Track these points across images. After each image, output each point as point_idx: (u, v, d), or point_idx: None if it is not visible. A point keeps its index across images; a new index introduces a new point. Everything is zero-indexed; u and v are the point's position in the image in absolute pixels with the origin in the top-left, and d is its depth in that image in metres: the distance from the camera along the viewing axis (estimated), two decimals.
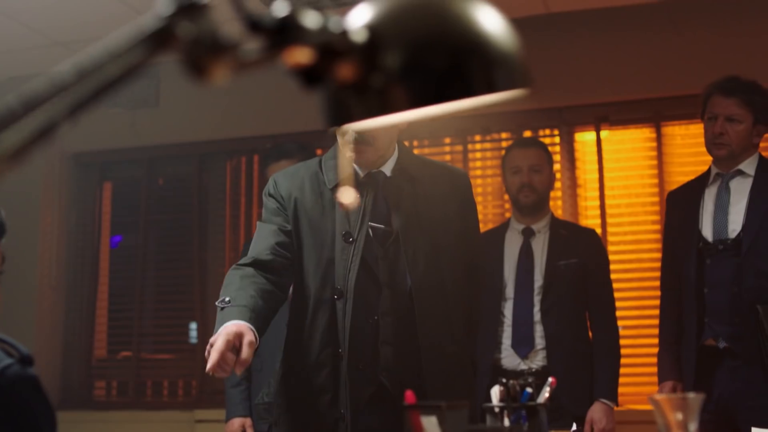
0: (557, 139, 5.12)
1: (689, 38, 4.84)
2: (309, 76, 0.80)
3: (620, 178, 4.98)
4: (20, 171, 3.26)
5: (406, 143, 5.30)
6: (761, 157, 3.50)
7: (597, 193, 4.96)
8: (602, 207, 4.93)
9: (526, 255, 3.84)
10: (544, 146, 4.02)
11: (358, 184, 2.66)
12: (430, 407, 1.45)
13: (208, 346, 2.21)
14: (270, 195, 2.71)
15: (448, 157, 5.35)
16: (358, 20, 0.83)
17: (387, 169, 2.70)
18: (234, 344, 2.19)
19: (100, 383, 5.73)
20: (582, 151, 5.11)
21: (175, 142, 5.62)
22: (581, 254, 3.83)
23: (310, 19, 0.76)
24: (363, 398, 2.55)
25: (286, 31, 0.75)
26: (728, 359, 3.32)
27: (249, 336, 2.22)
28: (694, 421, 1.26)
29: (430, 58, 0.85)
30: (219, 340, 2.17)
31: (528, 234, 3.87)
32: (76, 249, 5.74)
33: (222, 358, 2.15)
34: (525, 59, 0.98)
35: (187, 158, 5.61)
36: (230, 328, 2.23)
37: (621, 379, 4.77)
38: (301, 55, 0.77)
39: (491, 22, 0.92)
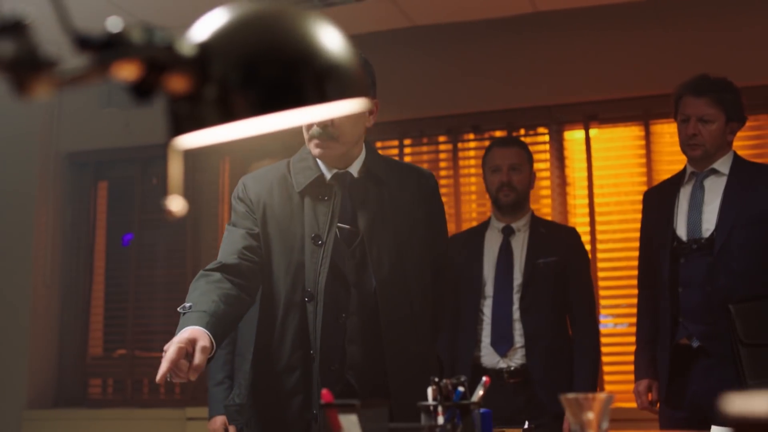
0: (547, 138, 5.13)
1: (677, 36, 4.84)
2: (139, 89, 0.82)
3: (609, 176, 4.99)
4: (15, 170, 3.33)
5: (396, 141, 5.36)
6: (736, 156, 3.49)
7: (586, 191, 4.96)
8: (591, 205, 4.93)
9: (505, 253, 3.85)
10: (524, 145, 4.02)
11: (326, 186, 2.67)
12: (347, 406, 1.46)
13: (163, 353, 2.21)
14: (239, 199, 2.72)
15: (442, 155, 5.36)
16: (194, 35, 0.85)
17: (354, 169, 2.70)
18: (187, 350, 2.18)
19: (95, 381, 5.78)
20: (571, 149, 5.12)
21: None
22: (561, 253, 3.83)
23: (137, 35, 0.78)
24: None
25: (112, 47, 0.77)
26: (702, 358, 3.32)
27: (203, 341, 2.21)
28: (606, 420, 1.27)
29: (261, 69, 0.87)
30: (171, 348, 2.15)
31: (508, 233, 3.88)
32: (71, 248, 5.79)
33: (173, 366, 2.14)
34: (359, 71, 1.00)
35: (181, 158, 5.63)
36: (184, 334, 2.22)
37: (609, 377, 4.81)
38: (128, 70, 0.79)
39: (322, 35, 0.93)
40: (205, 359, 2.19)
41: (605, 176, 4.99)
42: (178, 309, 2.38)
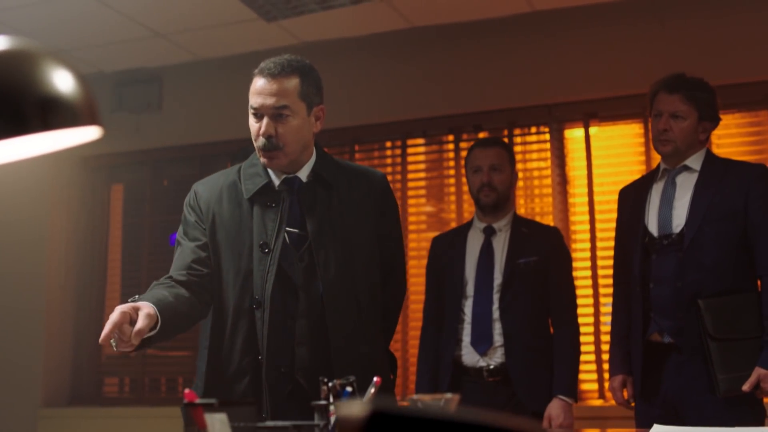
0: (547, 136, 5.14)
1: (676, 33, 4.82)
2: None
3: (609, 174, 4.98)
4: (29, 174, 3.47)
5: (399, 141, 5.40)
6: (708, 153, 3.48)
7: (586, 189, 4.96)
8: (591, 203, 4.93)
9: (486, 253, 3.87)
10: (505, 145, 4.03)
11: (275, 193, 2.71)
12: (211, 405, 1.52)
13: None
14: (190, 207, 2.78)
15: (448, 155, 5.39)
16: None
17: (303, 174, 2.75)
18: (131, 316, 2.22)
19: (110, 380, 5.91)
20: (571, 147, 5.12)
21: (177, 144, 5.77)
22: (542, 252, 3.84)
23: None
24: (282, 398, 2.62)
25: None
26: (674, 354, 3.32)
27: (146, 309, 2.26)
28: None
29: None
30: (114, 312, 2.20)
31: (489, 232, 3.90)
32: (86, 249, 5.93)
33: (116, 329, 2.17)
34: (88, 100, 1.05)
35: (190, 159, 5.75)
36: (128, 303, 2.28)
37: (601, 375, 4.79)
38: None
39: (47, 70, 0.98)
40: (147, 325, 2.22)
41: (605, 174, 4.98)
42: (129, 300, 2.38)
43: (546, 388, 3.76)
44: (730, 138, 4.81)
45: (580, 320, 4.80)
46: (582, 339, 4.79)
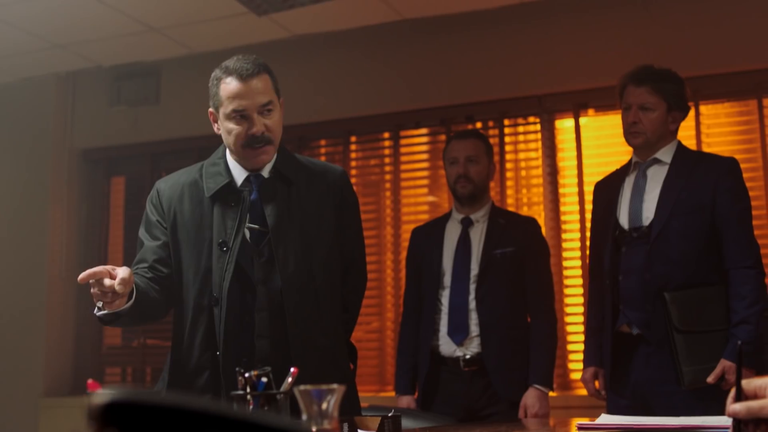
0: (538, 127, 5.15)
1: (665, 23, 4.81)
2: None
3: (600, 164, 4.97)
4: (30, 168, 3.60)
5: (388, 133, 5.43)
6: (680, 145, 3.49)
7: (576, 180, 4.97)
8: (581, 193, 4.94)
9: (463, 244, 3.90)
10: (482, 137, 4.06)
11: (236, 192, 2.75)
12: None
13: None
14: (152, 205, 2.83)
15: (441, 146, 5.40)
16: None
17: (265, 171, 2.79)
18: (109, 273, 2.34)
19: (111, 370, 6.00)
20: (562, 138, 5.13)
21: (176, 137, 5.83)
22: (518, 243, 3.87)
23: None
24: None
25: None
26: (642, 346, 3.34)
27: (124, 269, 2.36)
28: (336, 408, 1.35)
29: None
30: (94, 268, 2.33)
31: (466, 224, 3.94)
32: (86, 241, 6.02)
33: (95, 276, 2.31)
34: None
35: (188, 152, 5.80)
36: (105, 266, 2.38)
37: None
38: None
39: None
40: (129, 274, 2.34)
41: (595, 164, 4.98)
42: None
43: (522, 377, 3.79)
44: (720, 128, 4.80)
45: (570, 310, 4.87)
46: (572, 329, 4.86)
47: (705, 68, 4.74)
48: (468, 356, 3.78)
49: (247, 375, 1.76)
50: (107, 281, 2.32)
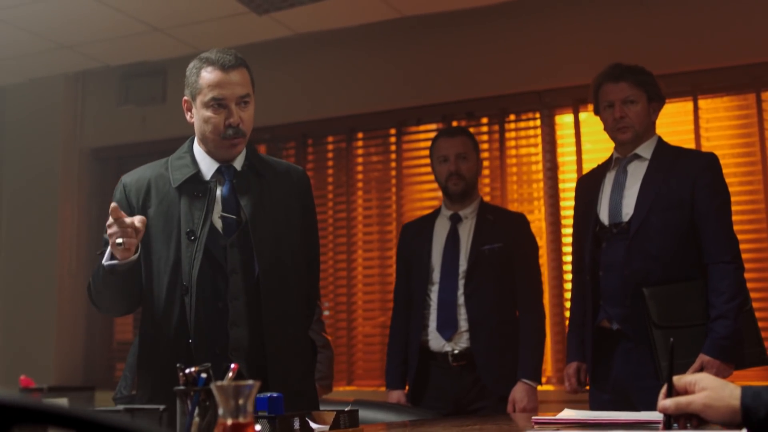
0: (538, 122, 5.16)
1: (663, 18, 4.80)
2: None
3: (599, 159, 4.93)
4: (40, 166, 3.73)
5: (393, 129, 5.46)
6: (660, 141, 3.51)
7: (575, 175, 4.97)
8: None
9: (452, 240, 3.94)
10: (469, 134, 4.10)
11: (202, 183, 2.79)
12: (53, 390, 1.61)
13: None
14: (118, 201, 2.83)
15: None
16: None
17: (238, 164, 2.84)
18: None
19: (121, 365, 6.07)
20: (562, 133, 5.13)
21: (183, 135, 5.87)
22: (507, 239, 3.90)
23: None
24: (217, 380, 2.71)
25: None
26: (623, 341, 3.36)
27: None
28: (251, 404, 1.39)
29: None
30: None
31: (455, 220, 3.97)
32: (96, 239, 6.09)
33: (119, 212, 2.51)
34: None
35: None
36: None
37: None
38: None
39: None
40: (144, 220, 2.56)
41: (595, 159, 4.94)
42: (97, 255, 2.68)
43: (511, 372, 3.82)
44: (718, 122, 4.78)
45: (566, 305, 4.86)
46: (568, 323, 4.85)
47: (703, 62, 4.73)
48: (457, 351, 3.82)
49: (187, 371, 1.79)
50: (128, 219, 2.50)
